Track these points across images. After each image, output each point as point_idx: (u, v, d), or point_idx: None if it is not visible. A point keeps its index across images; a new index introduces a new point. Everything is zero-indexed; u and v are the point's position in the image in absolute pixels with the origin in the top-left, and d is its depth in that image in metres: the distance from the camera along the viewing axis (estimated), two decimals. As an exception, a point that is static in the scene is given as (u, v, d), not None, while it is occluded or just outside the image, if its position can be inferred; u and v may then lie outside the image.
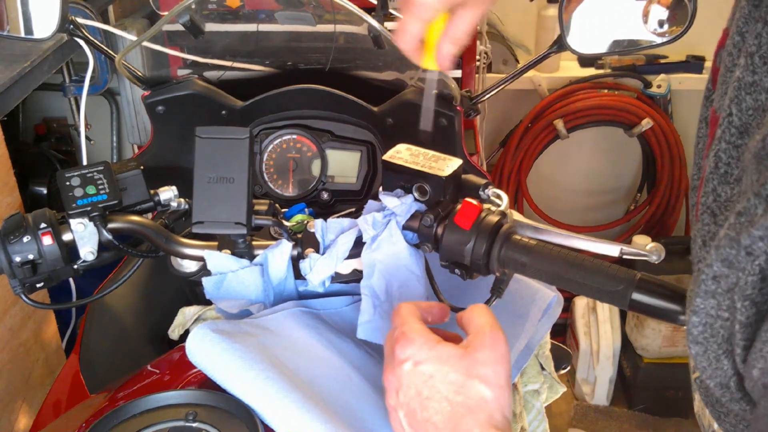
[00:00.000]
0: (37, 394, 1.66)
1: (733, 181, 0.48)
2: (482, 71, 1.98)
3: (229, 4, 1.37)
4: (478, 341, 0.65)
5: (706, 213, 0.50)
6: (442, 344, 0.65)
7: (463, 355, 0.64)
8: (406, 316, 0.68)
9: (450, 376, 0.63)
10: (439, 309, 0.73)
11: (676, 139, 2.41)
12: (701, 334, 0.47)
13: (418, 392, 0.64)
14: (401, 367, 0.65)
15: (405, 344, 0.65)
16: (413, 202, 0.81)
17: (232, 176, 0.80)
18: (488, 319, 0.67)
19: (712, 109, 0.54)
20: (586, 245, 0.77)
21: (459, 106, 1.14)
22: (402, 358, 0.65)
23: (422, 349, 0.65)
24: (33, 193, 2.17)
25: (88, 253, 0.82)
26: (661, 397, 2.31)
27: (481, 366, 0.63)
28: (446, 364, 0.64)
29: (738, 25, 0.51)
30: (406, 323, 0.67)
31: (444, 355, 0.64)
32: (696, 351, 0.48)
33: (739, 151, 0.48)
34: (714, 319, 0.46)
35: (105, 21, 2.04)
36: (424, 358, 0.64)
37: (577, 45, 1.08)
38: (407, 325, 0.67)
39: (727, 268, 0.43)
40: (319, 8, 1.26)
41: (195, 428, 0.68)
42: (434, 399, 0.63)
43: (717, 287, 0.44)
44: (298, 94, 1.21)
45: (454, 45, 0.70)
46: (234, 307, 0.84)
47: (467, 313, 0.68)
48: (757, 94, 0.47)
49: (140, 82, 1.18)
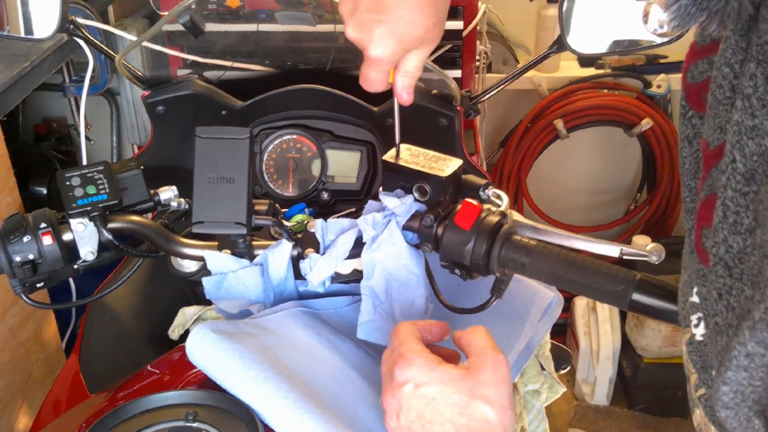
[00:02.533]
0: (37, 394, 1.66)
1: (745, 231, 0.47)
2: (482, 71, 1.98)
3: (229, 4, 1.37)
4: (480, 362, 0.64)
5: (719, 264, 0.49)
6: (443, 365, 0.65)
7: (465, 377, 0.63)
8: (404, 336, 0.67)
9: (453, 398, 0.63)
10: (438, 328, 0.72)
11: (676, 139, 2.41)
12: (732, 401, 0.47)
13: (419, 415, 0.63)
14: (401, 390, 0.64)
15: (404, 366, 0.64)
16: (413, 203, 0.81)
17: (232, 176, 0.80)
18: (489, 341, 0.66)
19: (703, 141, 0.53)
20: (586, 245, 0.77)
21: (459, 106, 1.14)
22: (402, 381, 0.64)
23: (423, 370, 0.64)
24: (33, 193, 2.17)
25: (88, 253, 0.82)
26: (661, 397, 2.31)
27: (484, 387, 0.63)
28: (448, 386, 0.63)
29: (725, 57, 0.50)
30: (405, 344, 0.66)
31: (446, 376, 0.63)
32: (726, 414, 0.48)
33: (747, 198, 0.47)
34: (745, 387, 0.45)
35: (105, 21, 2.04)
36: (425, 380, 0.63)
37: (577, 45, 1.08)
38: (406, 345, 0.66)
39: (763, 348, 0.43)
40: (319, 8, 1.26)
41: (195, 428, 0.68)
42: (437, 422, 0.62)
43: (750, 363, 0.44)
44: (298, 94, 1.21)
45: (408, 78, 0.75)
46: (234, 307, 0.84)
47: (466, 334, 0.68)
48: (760, 138, 0.46)
49: (140, 82, 1.18)
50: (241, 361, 0.71)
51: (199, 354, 0.73)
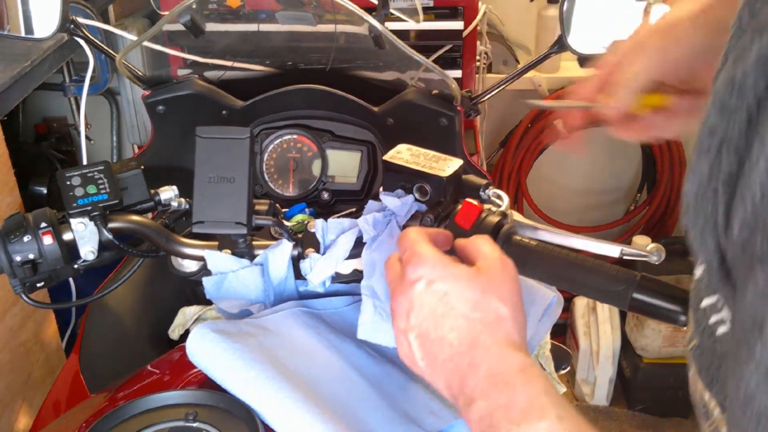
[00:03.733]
0: (37, 394, 1.66)
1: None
2: (482, 71, 1.98)
3: (230, 4, 1.37)
4: (491, 264, 0.64)
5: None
6: (455, 264, 0.64)
7: (477, 274, 0.63)
8: (415, 237, 0.67)
9: (466, 293, 0.62)
10: (443, 236, 0.72)
11: (676, 140, 2.41)
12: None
13: (431, 311, 0.62)
14: (413, 288, 0.63)
15: (417, 264, 0.64)
16: (414, 203, 0.81)
17: (233, 176, 0.80)
18: (495, 246, 0.66)
19: None
20: (586, 245, 0.77)
21: (459, 106, 1.14)
22: (414, 278, 0.63)
23: (436, 267, 0.63)
24: (33, 193, 2.17)
25: (89, 252, 0.82)
26: (661, 397, 2.31)
27: (496, 285, 0.62)
28: (461, 281, 0.62)
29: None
30: (417, 244, 0.66)
31: (458, 273, 0.63)
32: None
33: None
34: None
35: (105, 21, 2.04)
36: (437, 276, 0.63)
37: (577, 45, 1.08)
38: (418, 245, 0.66)
39: None
40: (320, 8, 1.26)
41: (195, 428, 0.68)
42: (449, 316, 0.61)
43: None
44: (298, 94, 1.21)
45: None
46: (234, 307, 0.84)
47: (471, 241, 0.68)
48: None
49: (140, 81, 1.18)
50: (241, 361, 0.71)
51: (200, 354, 0.73)
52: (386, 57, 1.26)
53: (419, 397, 0.82)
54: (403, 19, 1.37)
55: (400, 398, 0.81)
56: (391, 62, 1.28)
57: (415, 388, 0.83)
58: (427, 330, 0.62)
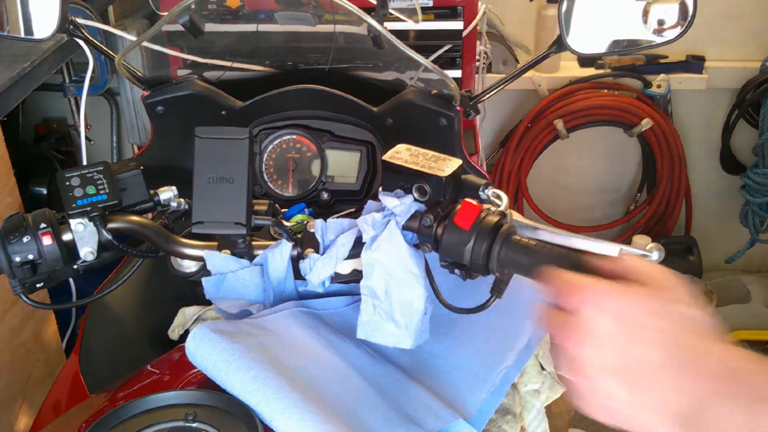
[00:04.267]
0: (37, 394, 1.66)
1: None
2: (482, 71, 1.98)
3: (229, 4, 1.37)
4: (657, 275, 0.60)
5: None
6: (621, 285, 0.59)
7: (648, 289, 0.59)
8: (567, 274, 0.62)
9: (652, 307, 0.57)
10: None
11: (675, 139, 2.41)
12: None
13: (623, 344, 0.56)
14: (596, 326, 0.57)
15: (586, 299, 0.58)
16: (413, 203, 0.81)
17: (232, 176, 0.80)
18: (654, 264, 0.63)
19: None
20: (586, 245, 0.76)
21: (458, 106, 1.14)
22: (592, 315, 0.57)
23: (608, 295, 0.58)
24: (33, 193, 2.17)
25: (88, 253, 0.82)
26: (661, 397, 2.30)
27: (673, 291, 0.59)
28: (641, 300, 0.58)
29: None
30: (571, 279, 0.60)
31: (632, 292, 0.58)
32: None
33: None
34: None
35: (105, 21, 2.04)
36: (613, 304, 0.57)
37: (577, 45, 1.08)
38: (578, 279, 0.60)
39: None
40: (319, 8, 1.26)
41: (195, 428, 0.68)
42: (643, 339, 0.56)
43: None
44: (297, 94, 1.21)
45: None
46: (234, 307, 0.84)
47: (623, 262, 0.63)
48: None
49: (140, 82, 1.18)
50: (241, 361, 0.71)
51: (199, 354, 0.73)
52: (385, 57, 1.26)
53: (419, 397, 0.82)
54: (403, 19, 1.37)
55: (400, 398, 0.81)
56: (390, 62, 1.28)
57: (415, 388, 0.83)
58: (627, 365, 0.56)
